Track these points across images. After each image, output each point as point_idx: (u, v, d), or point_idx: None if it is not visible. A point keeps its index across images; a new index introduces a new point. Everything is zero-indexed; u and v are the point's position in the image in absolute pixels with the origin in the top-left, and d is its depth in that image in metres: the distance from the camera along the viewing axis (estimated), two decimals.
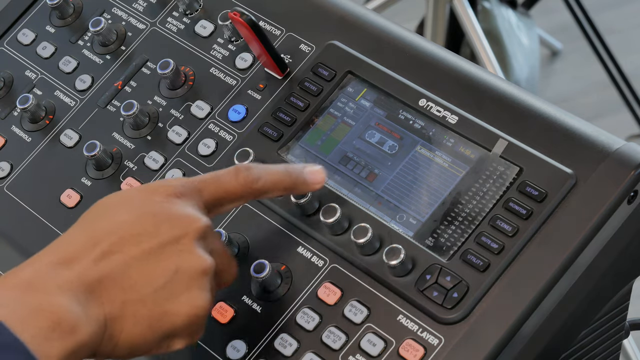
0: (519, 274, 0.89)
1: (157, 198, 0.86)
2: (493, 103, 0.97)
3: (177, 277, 0.83)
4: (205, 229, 0.86)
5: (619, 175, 0.90)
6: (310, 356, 0.91)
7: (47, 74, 1.15)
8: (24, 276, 0.81)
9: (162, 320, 0.83)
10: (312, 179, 0.93)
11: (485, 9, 2.56)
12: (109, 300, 0.81)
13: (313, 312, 0.93)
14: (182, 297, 0.83)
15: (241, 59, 1.08)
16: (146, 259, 0.83)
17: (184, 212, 0.85)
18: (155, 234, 0.84)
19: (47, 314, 0.78)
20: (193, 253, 0.84)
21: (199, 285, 0.84)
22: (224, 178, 0.90)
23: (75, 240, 0.84)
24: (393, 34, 1.04)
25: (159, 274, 0.83)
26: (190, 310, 0.84)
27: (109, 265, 0.82)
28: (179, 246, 0.84)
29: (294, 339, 0.93)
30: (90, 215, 0.86)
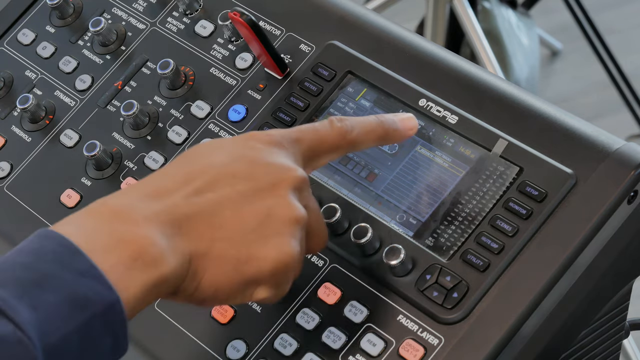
0: (519, 274, 0.89)
1: (256, 144, 0.84)
2: (493, 103, 0.97)
3: (268, 222, 0.82)
4: (301, 180, 0.84)
5: (619, 175, 0.90)
6: (310, 356, 0.91)
7: (47, 74, 1.16)
8: (111, 205, 0.79)
9: (248, 263, 0.81)
10: (404, 125, 0.92)
11: (485, 9, 2.56)
12: (196, 237, 0.80)
13: (313, 312, 0.93)
14: (271, 242, 0.82)
15: (241, 59, 1.08)
16: (239, 200, 0.81)
17: (281, 161, 0.84)
18: (251, 177, 0.82)
19: (130, 244, 0.76)
20: (287, 200, 0.83)
21: (289, 233, 0.82)
22: (321, 128, 0.88)
23: (169, 175, 0.82)
24: (393, 34, 1.04)
25: (250, 216, 0.81)
26: (278, 256, 0.82)
27: (201, 202, 0.80)
28: (274, 192, 0.82)
29: (294, 339, 0.93)
30: (188, 154, 0.84)
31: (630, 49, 2.97)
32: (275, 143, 0.85)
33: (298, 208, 0.83)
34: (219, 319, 0.96)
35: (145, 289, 0.76)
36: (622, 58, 2.55)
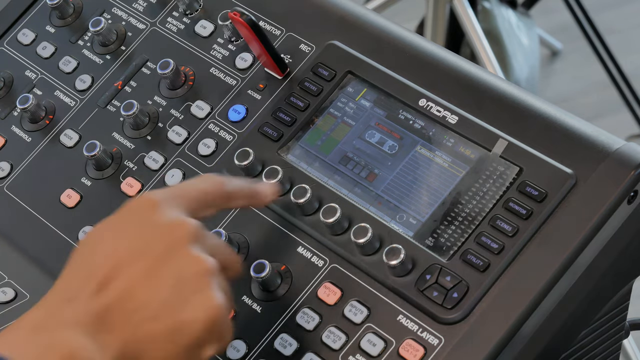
0: (519, 274, 0.89)
1: (138, 215, 0.84)
2: (493, 103, 0.97)
3: (182, 285, 0.81)
4: (196, 230, 0.84)
5: (619, 175, 0.90)
6: (310, 356, 0.91)
7: (47, 74, 1.16)
8: (33, 318, 0.80)
9: (181, 331, 0.81)
10: (263, 190, 0.94)
11: (485, 9, 2.56)
12: (119, 327, 0.80)
13: (313, 312, 0.93)
14: (192, 303, 0.81)
15: (241, 59, 1.08)
16: (145, 277, 0.81)
17: (169, 219, 0.84)
18: (147, 249, 0.82)
19: (59, 350, 0.77)
20: (191, 257, 0.82)
21: (206, 286, 0.82)
22: (198, 181, 0.89)
23: (72, 277, 0.82)
24: (393, 34, 1.04)
25: (162, 287, 0.81)
26: (205, 313, 0.81)
27: (111, 294, 0.80)
28: (174, 254, 0.82)
29: (294, 339, 0.93)
30: (80, 250, 0.84)
31: (630, 49, 2.97)
32: (156, 204, 0.84)
33: (204, 259, 0.83)
34: None
35: None
36: (622, 58, 2.55)
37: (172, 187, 0.88)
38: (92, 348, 0.78)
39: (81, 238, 1.05)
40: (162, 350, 0.80)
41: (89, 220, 1.05)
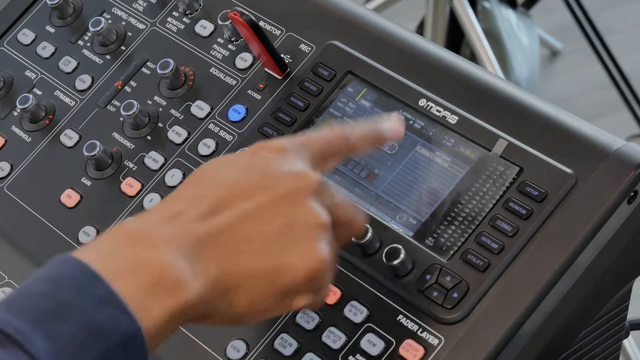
0: (519, 274, 0.89)
1: (265, 154, 0.82)
2: (493, 103, 0.97)
3: (292, 230, 0.80)
4: (318, 184, 0.82)
5: (619, 175, 0.90)
6: (310, 356, 0.91)
7: (47, 74, 1.15)
8: (130, 229, 0.77)
9: (280, 274, 0.79)
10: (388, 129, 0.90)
11: (485, 9, 2.56)
12: (220, 256, 0.77)
13: (313, 312, 0.93)
14: (298, 250, 0.79)
15: (241, 59, 1.08)
16: (258, 213, 0.79)
17: (294, 168, 0.82)
18: (267, 188, 0.80)
19: (149, 270, 0.74)
20: (307, 207, 0.80)
21: (315, 238, 0.80)
22: (324, 133, 0.87)
23: (183, 196, 0.80)
24: (393, 34, 1.04)
25: (273, 227, 0.79)
26: (308, 263, 0.79)
27: (219, 220, 0.78)
28: (292, 200, 0.80)
29: (294, 339, 0.93)
30: (197, 174, 0.82)
31: (630, 49, 2.97)
32: (284, 150, 0.83)
33: (319, 213, 0.81)
34: None
35: (168, 316, 0.74)
36: (622, 58, 2.55)
37: (299, 137, 0.86)
38: (184, 272, 0.75)
39: (82, 239, 1.05)
40: (257, 287, 0.79)
41: (89, 220, 1.05)
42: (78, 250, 0.75)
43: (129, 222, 0.78)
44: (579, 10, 2.47)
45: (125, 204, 1.05)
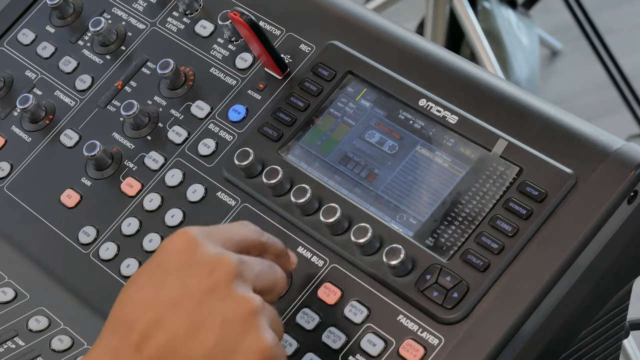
0: (519, 274, 0.89)
1: (175, 256, 0.81)
2: (493, 103, 0.97)
3: (228, 330, 0.78)
4: (236, 265, 0.80)
5: (619, 175, 0.90)
6: (310, 356, 0.91)
7: (47, 74, 1.16)
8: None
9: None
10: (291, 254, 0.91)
11: (485, 9, 2.56)
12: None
13: (313, 312, 0.93)
14: (240, 347, 0.78)
15: (241, 59, 1.08)
16: (188, 323, 0.78)
17: (208, 257, 0.80)
18: (188, 293, 0.78)
19: None
20: (234, 296, 0.79)
21: (255, 327, 0.79)
22: (236, 225, 0.86)
23: (115, 327, 0.80)
24: (393, 34, 1.04)
25: (207, 335, 0.77)
26: (255, 356, 0.78)
27: (153, 346, 0.78)
28: (217, 296, 0.78)
29: (294, 339, 0.93)
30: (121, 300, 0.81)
31: (630, 49, 2.97)
32: (192, 241, 0.81)
33: (249, 299, 0.79)
34: None
35: None
36: (622, 58, 2.55)
37: (210, 227, 0.84)
38: None
39: (82, 239, 1.05)
40: None
41: (89, 220, 1.05)
42: None
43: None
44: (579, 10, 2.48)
45: (125, 204, 1.05)
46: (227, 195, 1.02)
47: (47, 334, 0.99)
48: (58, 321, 1.01)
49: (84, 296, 1.02)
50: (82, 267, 1.03)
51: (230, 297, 0.79)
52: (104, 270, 1.02)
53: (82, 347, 0.98)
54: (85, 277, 1.03)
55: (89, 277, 1.03)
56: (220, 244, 0.82)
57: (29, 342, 0.99)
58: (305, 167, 1.00)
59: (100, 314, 1.00)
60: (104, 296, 1.01)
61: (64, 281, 1.03)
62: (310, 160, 1.00)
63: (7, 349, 0.98)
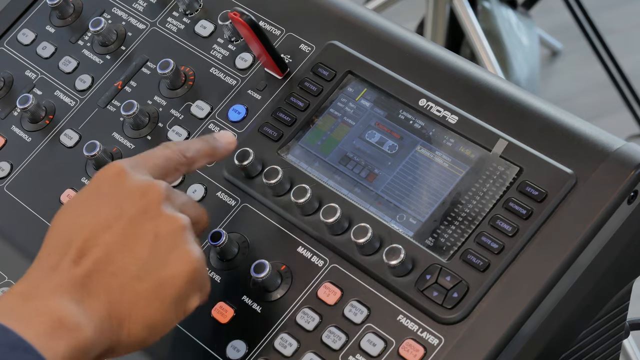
0: (519, 274, 0.89)
1: (107, 182, 0.87)
2: (493, 103, 0.97)
3: (160, 243, 0.85)
4: (165, 190, 0.87)
5: (619, 175, 0.90)
6: (310, 356, 0.91)
7: (47, 74, 1.16)
8: (21, 289, 0.83)
9: (165, 287, 0.84)
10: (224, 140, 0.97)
11: (485, 9, 2.56)
12: (103, 292, 0.83)
13: (313, 312, 0.93)
14: (172, 258, 0.85)
15: (241, 59, 1.08)
16: (123, 239, 0.84)
17: (138, 183, 0.87)
18: (120, 214, 0.85)
19: (48, 316, 0.80)
20: (164, 216, 0.86)
21: (183, 241, 0.86)
22: (159, 148, 0.92)
23: (51, 250, 0.85)
24: (393, 34, 1.04)
25: (141, 247, 0.84)
26: (186, 267, 0.85)
27: (90, 259, 0.83)
28: (149, 215, 0.86)
29: (294, 339, 0.93)
30: (57, 223, 0.87)
31: (630, 49, 2.97)
32: (122, 171, 0.88)
33: (177, 217, 0.86)
34: (219, 319, 0.96)
35: (72, 353, 0.79)
36: (622, 58, 2.55)
37: (136, 156, 0.91)
38: (78, 313, 0.81)
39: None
40: (149, 308, 0.84)
41: None
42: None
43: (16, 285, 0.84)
44: (579, 10, 2.48)
45: None
46: (227, 195, 1.02)
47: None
48: None
49: None
50: None
51: (161, 216, 0.86)
52: None
53: None
54: None
55: None
56: (147, 172, 0.89)
57: None
58: (305, 167, 1.00)
59: None
60: None
61: None
62: (310, 160, 1.00)
63: None
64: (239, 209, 1.01)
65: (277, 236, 0.98)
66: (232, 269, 0.98)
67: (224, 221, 1.00)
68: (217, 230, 0.97)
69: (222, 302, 0.96)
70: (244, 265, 0.97)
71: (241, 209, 1.01)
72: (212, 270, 0.98)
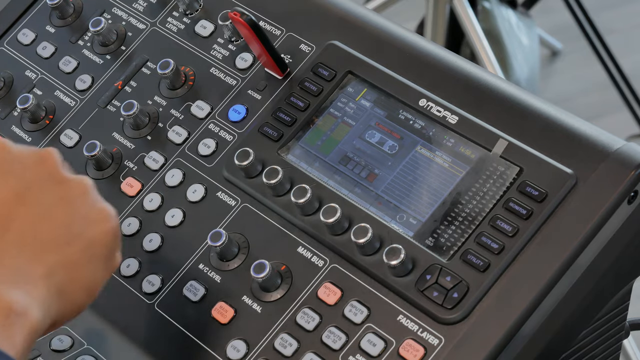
0: (519, 274, 0.89)
1: None
2: (493, 103, 0.97)
3: (76, 205, 0.85)
4: (55, 153, 0.87)
5: (619, 175, 0.90)
6: (310, 356, 0.91)
7: (47, 74, 1.15)
8: None
9: (94, 246, 0.85)
10: None
11: (485, 9, 2.56)
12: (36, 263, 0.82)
13: (313, 312, 0.93)
14: (93, 216, 0.85)
15: (241, 59, 1.08)
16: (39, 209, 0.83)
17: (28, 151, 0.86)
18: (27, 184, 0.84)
19: None
20: (70, 179, 0.86)
21: (94, 200, 0.86)
22: None
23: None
24: (393, 34, 1.04)
25: (60, 214, 0.84)
26: (108, 223, 0.86)
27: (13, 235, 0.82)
28: (54, 179, 0.85)
29: (294, 339, 0.93)
30: None
31: (630, 49, 2.97)
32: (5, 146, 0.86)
33: (80, 178, 0.87)
34: (219, 319, 0.96)
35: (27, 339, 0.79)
36: (622, 58, 2.55)
37: None
38: (22, 297, 0.79)
39: None
40: (84, 269, 0.84)
41: None
42: None
43: None
44: (579, 10, 2.48)
45: (125, 204, 1.05)
46: (227, 195, 1.02)
47: (47, 334, 0.99)
48: None
49: None
50: None
51: (66, 180, 0.86)
52: None
53: (82, 347, 0.98)
54: None
55: None
56: None
57: None
58: (305, 167, 1.00)
59: (101, 313, 1.00)
60: (104, 296, 1.01)
61: None
62: (310, 160, 1.00)
63: None
64: (239, 209, 1.01)
65: (277, 236, 0.98)
66: (232, 269, 0.98)
67: (224, 221, 1.00)
68: (217, 230, 0.97)
69: (222, 302, 0.96)
70: (244, 265, 0.97)
71: (241, 209, 1.01)
72: (212, 270, 0.98)
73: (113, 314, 1.00)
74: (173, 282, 0.99)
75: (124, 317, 1.00)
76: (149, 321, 0.98)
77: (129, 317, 0.99)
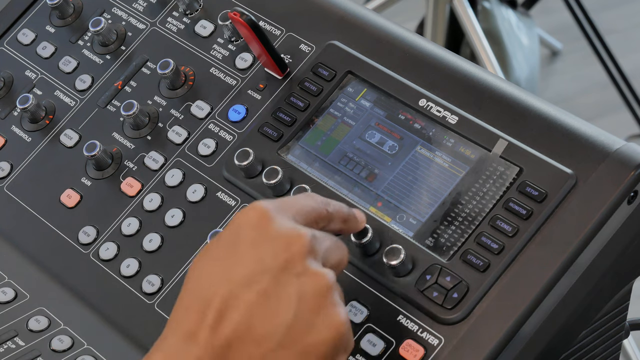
0: (519, 274, 0.89)
1: (249, 229, 0.79)
2: (493, 103, 0.97)
3: (304, 304, 0.77)
4: (310, 240, 0.79)
5: (619, 175, 0.90)
6: None
7: (47, 74, 1.16)
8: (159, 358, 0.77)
9: (310, 354, 0.77)
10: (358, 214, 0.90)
11: (485, 9, 2.56)
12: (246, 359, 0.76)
13: None
14: (318, 324, 0.77)
15: (241, 59, 1.08)
16: (265, 301, 0.77)
17: (282, 230, 0.79)
18: (263, 269, 0.77)
19: None
20: (309, 272, 0.78)
21: (329, 303, 0.78)
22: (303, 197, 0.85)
23: (188, 309, 0.78)
24: (393, 34, 1.04)
25: (284, 310, 0.77)
26: (332, 332, 0.78)
27: (230, 325, 0.76)
28: (293, 270, 0.78)
29: None
30: (192, 278, 0.79)
31: (630, 49, 2.97)
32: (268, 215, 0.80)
33: (323, 274, 0.79)
34: None
35: None
36: (622, 58, 2.55)
37: (280, 199, 0.83)
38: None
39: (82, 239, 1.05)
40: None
41: (89, 220, 1.05)
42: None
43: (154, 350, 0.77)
44: (579, 10, 2.48)
45: (125, 204, 1.05)
46: (227, 195, 1.02)
47: (47, 334, 0.99)
48: (58, 321, 1.01)
49: (84, 296, 1.02)
50: (82, 267, 1.03)
51: (306, 273, 0.78)
52: (104, 270, 1.02)
53: (82, 347, 0.98)
54: (85, 277, 1.03)
55: (89, 277, 1.03)
56: (292, 218, 0.81)
57: (29, 342, 0.99)
58: (305, 167, 1.00)
59: (101, 313, 1.00)
60: (104, 296, 1.01)
61: (64, 281, 1.03)
62: (310, 160, 1.00)
63: (7, 349, 0.98)
64: (239, 209, 1.01)
65: None
66: None
67: (224, 221, 1.00)
68: (217, 231, 0.97)
69: None
70: None
71: (241, 209, 1.01)
72: None
73: (113, 314, 1.00)
74: (173, 282, 0.99)
75: (124, 317, 1.00)
76: (149, 321, 0.98)
77: (129, 317, 0.99)
